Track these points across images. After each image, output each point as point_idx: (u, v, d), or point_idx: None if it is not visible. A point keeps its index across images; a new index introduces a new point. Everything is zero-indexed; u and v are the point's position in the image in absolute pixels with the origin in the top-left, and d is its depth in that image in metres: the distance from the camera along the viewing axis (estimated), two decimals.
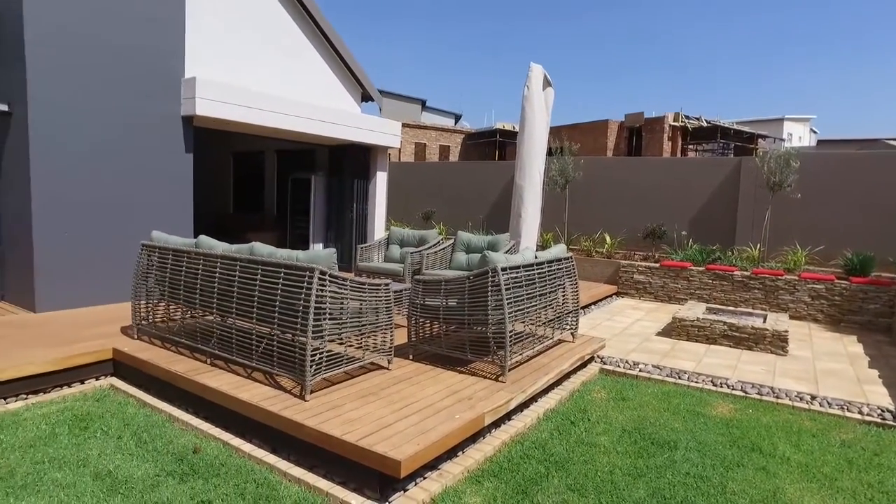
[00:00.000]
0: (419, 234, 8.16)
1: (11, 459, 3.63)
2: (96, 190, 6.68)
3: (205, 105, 7.26)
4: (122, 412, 4.43)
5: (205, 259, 4.69)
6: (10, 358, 4.72)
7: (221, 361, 4.74)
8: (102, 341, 5.29)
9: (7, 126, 6.46)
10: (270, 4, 8.85)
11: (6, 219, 6.69)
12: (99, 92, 6.62)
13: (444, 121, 37.74)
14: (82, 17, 6.43)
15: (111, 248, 6.80)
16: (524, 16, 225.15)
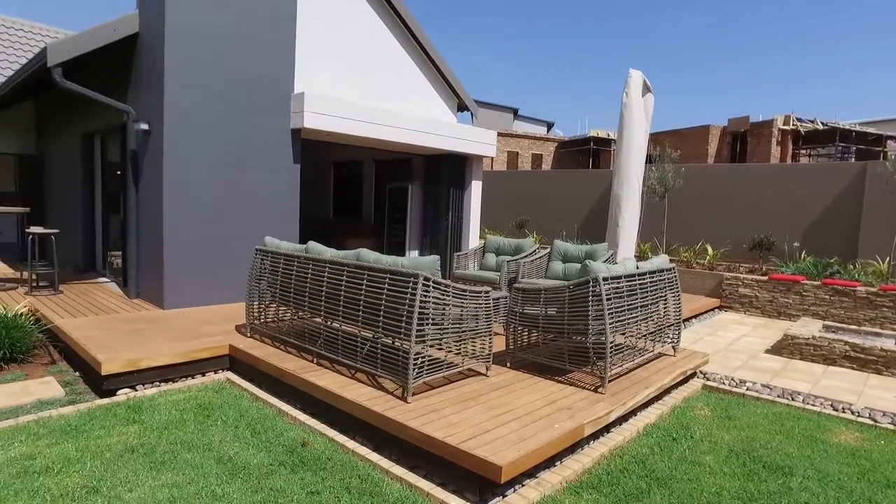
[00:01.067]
0: (515, 242, 8.19)
1: (151, 438, 4.04)
2: (216, 199, 7.26)
3: (312, 118, 7.71)
4: (238, 404, 4.78)
5: (314, 264, 4.98)
6: (147, 349, 5.24)
7: (326, 361, 5.00)
8: (220, 338, 5.74)
9: (147, 143, 7.18)
10: (372, 21, 9.24)
11: (143, 226, 7.42)
12: (220, 110, 7.21)
13: (537, 129, 37.52)
14: (209, 45, 7.04)
15: (228, 253, 7.36)
16: (618, 15, 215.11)
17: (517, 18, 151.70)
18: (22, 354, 5.58)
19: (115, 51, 7.21)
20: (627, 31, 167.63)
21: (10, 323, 5.58)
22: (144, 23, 7.20)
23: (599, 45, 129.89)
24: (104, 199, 9.48)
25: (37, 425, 4.21)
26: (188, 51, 6.86)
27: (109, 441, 3.99)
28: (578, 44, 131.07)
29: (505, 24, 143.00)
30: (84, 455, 3.78)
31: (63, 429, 4.17)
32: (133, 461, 3.73)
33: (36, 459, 3.69)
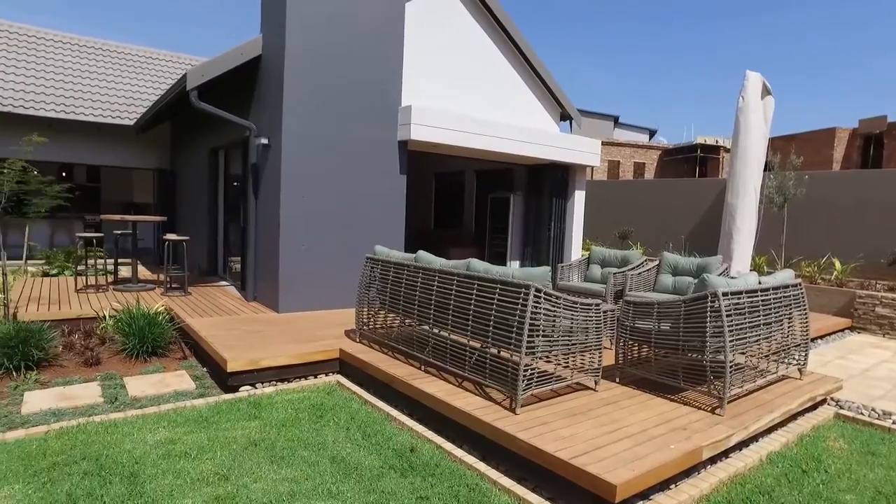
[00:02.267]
0: (622, 254, 7.94)
1: (271, 434, 4.29)
2: (328, 209, 7.63)
3: (419, 130, 7.92)
4: (348, 406, 4.96)
5: (423, 273, 5.09)
6: (266, 350, 5.58)
7: (434, 369, 5.09)
8: (331, 342, 6.00)
9: (266, 156, 7.71)
10: (476, 33, 9.38)
11: (261, 234, 7.95)
12: (333, 124, 7.59)
13: (638, 137, 36.25)
14: (324, 64, 7.45)
15: (338, 260, 7.70)
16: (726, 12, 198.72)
17: (612, 21, 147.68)
18: (161, 349, 6.15)
19: (239, 73, 7.80)
20: (736, 30, 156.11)
21: (152, 320, 6.17)
22: (267, 46, 7.74)
23: (705, 47, 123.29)
24: (226, 208, 10.25)
25: (175, 413, 4.61)
26: (305, 69, 7.29)
27: (235, 434, 4.29)
28: (681, 48, 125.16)
29: (600, 29, 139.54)
30: (214, 444, 4.08)
31: (196, 419, 4.53)
32: (256, 454, 3.98)
33: (176, 444, 4.04)
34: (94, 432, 4.21)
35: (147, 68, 15.89)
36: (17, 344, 5.37)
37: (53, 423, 4.35)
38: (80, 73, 14.34)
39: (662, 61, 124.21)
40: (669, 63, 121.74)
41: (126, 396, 5.01)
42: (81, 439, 4.09)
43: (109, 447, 3.97)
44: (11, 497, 3.35)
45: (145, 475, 3.61)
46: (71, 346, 6.11)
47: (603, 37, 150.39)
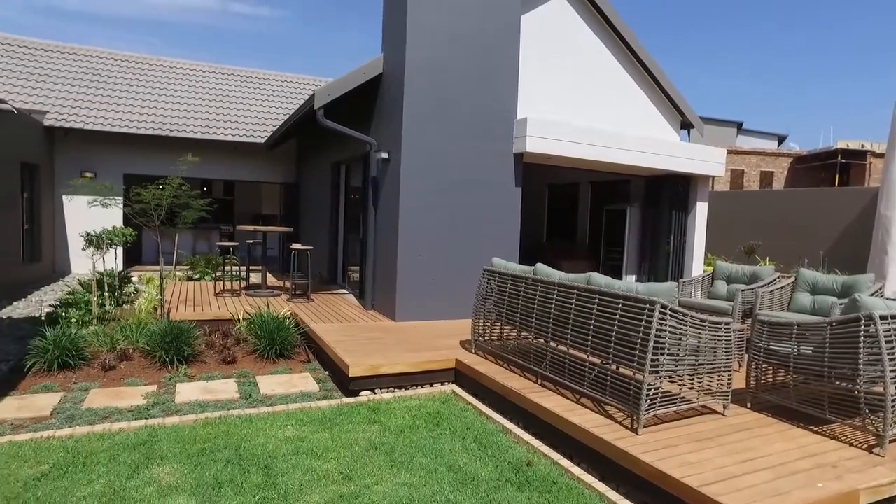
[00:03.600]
0: (750, 269, 7.39)
1: (390, 439, 4.43)
2: (445, 221, 7.80)
3: (534, 142, 7.90)
4: (464, 416, 5.01)
5: (542, 286, 5.05)
6: (384, 357, 5.79)
7: (550, 383, 5.01)
8: (447, 352, 6.10)
9: (386, 170, 8.04)
10: (591, 41, 9.21)
11: (380, 244, 8.29)
12: (450, 137, 7.77)
13: (765, 143, 33.67)
14: (442, 79, 7.66)
15: (453, 271, 7.84)
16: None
17: (734, 23, 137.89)
18: (287, 351, 6.58)
19: (361, 90, 8.21)
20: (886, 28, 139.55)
21: (280, 324, 6.63)
22: (387, 64, 8.10)
23: (848, 47, 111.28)
24: (346, 220, 10.80)
25: (301, 413, 4.90)
26: (424, 85, 7.54)
27: (356, 436, 4.47)
28: (821, 49, 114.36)
29: (719, 32, 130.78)
30: (338, 445, 4.29)
31: (320, 420, 4.78)
32: (376, 457, 4.13)
33: (304, 442, 4.29)
34: (233, 425, 4.58)
35: (275, 90, 17.20)
36: (171, 340, 6.00)
37: (200, 413, 4.79)
38: (221, 98, 15.81)
39: (794, 64, 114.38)
40: (803, 66, 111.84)
41: (258, 394, 5.40)
42: (223, 430, 4.46)
43: (246, 440, 4.30)
44: (172, 474, 3.73)
45: (277, 468, 3.86)
46: (211, 345, 6.70)
47: (726, 40, 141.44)
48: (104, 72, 15.33)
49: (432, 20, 7.56)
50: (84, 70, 15.14)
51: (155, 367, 5.99)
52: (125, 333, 6.50)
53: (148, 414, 4.78)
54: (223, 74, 17.16)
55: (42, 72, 14.46)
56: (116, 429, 4.40)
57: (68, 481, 3.62)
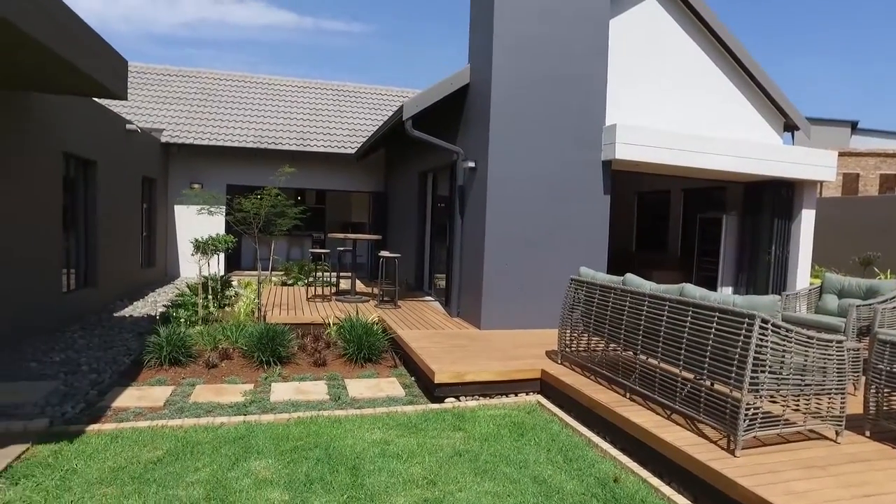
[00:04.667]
0: (866, 283, 6.78)
1: (474, 447, 4.45)
2: (531, 229, 7.75)
3: (624, 149, 7.69)
4: (549, 428, 4.93)
5: (632, 297, 4.90)
6: (470, 365, 5.82)
7: (639, 397, 4.84)
8: (532, 362, 6.04)
9: (472, 179, 8.11)
10: (683, 41, 8.84)
11: (467, 252, 8.36)
12: (536, 146, 7.72)
13: (886, 143, 30.82)
14: (529, 89, 7.64)
15: (539, 280, 7.76)
16: None
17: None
18: (375, 356, 6.76)
19: (448, 100, 8.34)
20: None
21: (368, 329, 6.83)
22: (474, 74, 8.18)
23: None
24: (433, 228, 10.97)
25: (388, 417, 5.02)
26: (510, 94, 7.55)
27: (441, 442, 4.52)
28: None
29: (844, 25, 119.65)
30: (423, 450, 4.35)
31: (406, 424, 4.87)
32: (460, 464, 4.15)
33: (389, 445, 4.40)
34: (323, 425, 4.77)
35: (365, 102, 17.82)
36: (267, 342, 6.34)
37: (293, 412, 5.03)
38: (315, 111, 16.59)
39: None
40: None
41: (347, 396, 5.58)
42: (314, 430, 4.65)
43: (335, 440, 4.46)
44: (267, 468, 3.94)
45: (365, 470, 3.97)
46: (304, 348, 7.01)
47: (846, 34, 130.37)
48: (210, 91, 16.54)
49: (518, 30, 7.57)
50: (193, 90, 16.42)
51: (252, 366, 6.35)
52: (226, 334, 6.94)
53: (246, 411, 5.08)
54: (317, 89, 18.01)
55: (158, 94, 15.82)
56: (219, 423, 4.70)
57: (179, 467, 3.91)
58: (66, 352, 6.73)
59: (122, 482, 3.69)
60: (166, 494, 3.54)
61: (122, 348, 7.00)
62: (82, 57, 5.09)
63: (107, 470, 3.84)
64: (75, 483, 3.66)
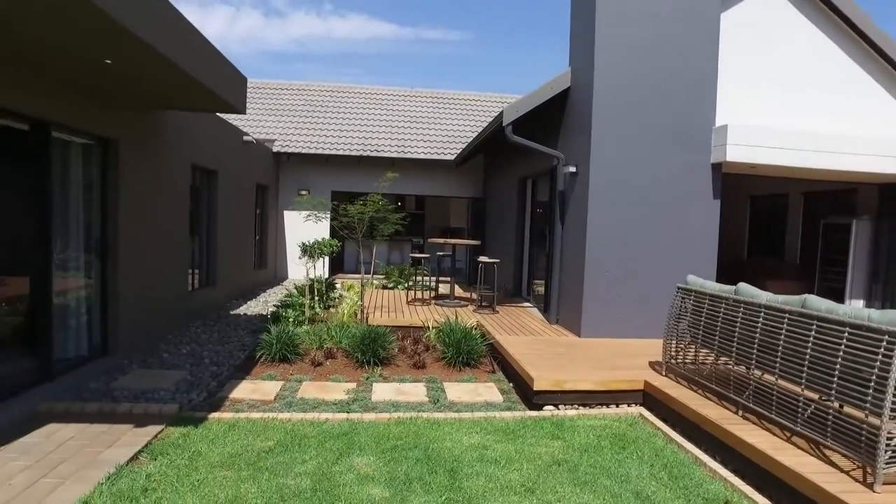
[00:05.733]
0: None
1: (573, 457, 4.35)
2: (633, 236, 7.48)
3: (735, 151, 7.23)
4: (652, 442, 4.72)
5: (745, 307, 4.59)
6: (569, 373, 5.71)
7: (753, 416, 4.51)
8: (635, 372, 5.82)
9: (573, 184, 7.96)
10: (806, 30, 8.13)
11: (567, 259, 8.21)
12: (639, 150, 7.45)
13: None
14: (632, 91, 7.40)
15: (642, 288, 7.47)
16: None
17: None
18: (473, 361, 6.80)
19: (548, 105, 8.24)
20: None
21: (467, 334, 6.88)
22: (575, 78, 8.04)
23: None
24: (532, 234, 10.87)
25: (486, 422, 5.02)
26: (613, 97, 7.34)
27: (539, 450, 4.46)
28: None
29: None
30: (521, 457, 4.31)
31: (504, 430, 4.86)
32: (559, 473, 4.07)
33: (487, 450, 4.40)
34: (422, 426, 4.86)
35: (464, 109, 18.03)
36: (369, 343, 6.56)
37: (393, 412, 5.17)
38: (414, 119, 17.01)
39: None
40: None
41: (445, 399, 5.65)
42: (413, 430, 4.75)
43: (434, 442, 4.53)
44: (368, 465, 4.08)
45: (463, 473, 4.00)
46: (403, 350, 7.18)
47: None
48: (317, 102, 17.44)
49: (621, 32, 7.36)
50: (301, 102, 17.40)
51: (354, 366, 6.60)
52: (330, 334, 7.26)
53: (349, 408, 5.28)
54: (417, 97, 18.47)
55: (271, 107, 16.92)
56: (324, 419, 4.93)
57: (288, 458, 4.14)
58: (191, 345, 7.34)
59: (239, 467, 3.96)
60: (277, 482, 3.76)
61: (237, 344, 7.53)
62: (212, 78, 5.57)
63: (226, 455, 4.14)
64: (200, 464, 3.99)
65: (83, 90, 5.60)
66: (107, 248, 6.35)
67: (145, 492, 3.56)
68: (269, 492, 3.63)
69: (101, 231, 6.31)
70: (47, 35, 4.10)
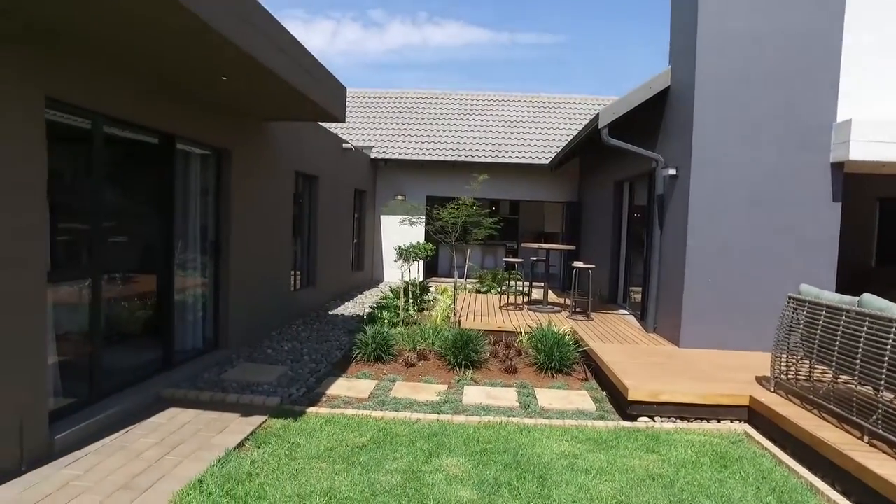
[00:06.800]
0: None
1: (669, 472, 4.15)
2: (738, 241, 7.03)
3: (862, 148, 6.59)
4: (758, 463, 4.40)
5: (871, 321, 4.16)
6: (666, 384, 5.46)
7: (882, 443, 4.08)
8: (739, 386, 5.46)
9: (673, 187, 7.62)
10: None
11: (666, 265, 7.86)
12: (747, 150, 6.99)
13: None
14: (739, 86, 6.97)
15: (748, 297, 7.00)
16: None
17: None
18: (565, 368, 6.67)
19: (645, 106, 7.94)
20: None
21: (560, 340, 6.77)
22: (675, 76, 7.69)
23: None
24: (629, 239, 10.51)
25: (577, 430, 4.91)
26: (717, 95, 6.96)
27: (632, 462, 4.29)
28: None
29: None
30: (613, 468, 4.17)
31: (596, 439, 4.72)
32: (653, 489, 3.89)
33: (578, 459, 4.30)
34: (511, 431, 4.83)
35: (558, 112, 17.77)
36: (461, 346, 6.62)
37: (483, 416, 5.18)
38: (509, 123, 16.99)
39: None
40: None
41: (536, 406, 5.58)
42: (503, 435, 4.73)
43: (523, 447, 4.49)
44: (457, 467, 4.12)
45: (552, 481, 3.93)
46: (495, 354, 7.17)
47: None
48: (413, 109, 17.88)
49: (726, 26, 6.96)
50: (398, 109, 17.90)
51: (446, 368, 6.68)
52: (423, 336, 7.40)
53: (440, 410, 5.35)
54: (511, 101, 18.43)
55: (369, 115, 17.56)
56: (415, 418, 5.03)
57: (380, 454, 4.27)
58: (293, 342, 7.76)
59: (334, 460, 4.13)
60: (369, 477, 3.88)
61: (334, 342, 7.86)
62: (315, 89, 5.90)
63: (322, 448, 4.34)
64: (299, 455, 4.20)
65: (202, 105, 6.11)
66: (219, 250, 6.87)
67: (250, 476, 3.81)
68: (361, 486, 3.76)
69: (215, 234, 6.84)
70: (185, 60, 4.58)
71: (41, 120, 3.94)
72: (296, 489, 3.67)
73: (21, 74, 3.75)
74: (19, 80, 3.74)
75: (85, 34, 4.03)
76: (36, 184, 3.89)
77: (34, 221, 3.88)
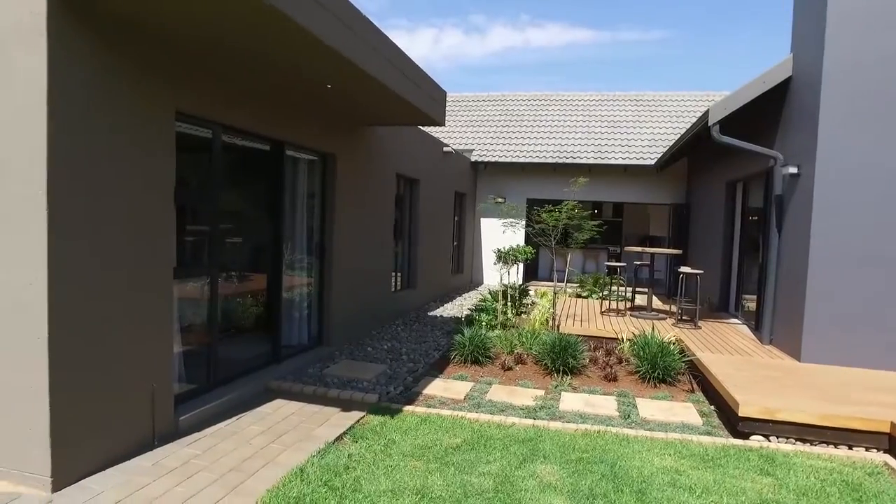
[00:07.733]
0: None
1: (788, 499, 3.80)
2: (870, 243, 6.30)
3: None
4: None
5: None
6: (784, 400, 5.01)
7: None
8: (877, 410, 4.88)
9: (794, 187, 6.99)
10: None
11: (784, 271, 7.24)
12: (881, 142, 6.25)
13: None
14: (876, 70, 6.24)
15: (882, 307, 6.26)
16: None
17: None
18: (669, 378, 6.32)
19: (761, 100, 7.35)
20: None
21: (664, 349, 6.43)
22: (798, 65, 7.06)
23: None
24: (742, 243, 9.78)
25: (681, 445, 4.63)
26: (847, 85, 6.29)
27: (743, 484, 3.98)
28: None
29: None
30: (720, 488, 3.89)
31: (702, 456, 4.43)
32: None
33: (681, 476, 4.05)
34: (609, 441, 4.65)
35: (664, 110, 16.92)
36: (559, 351, 6.48)
37: (580, 423, 5.02)
38: (612, 123, 16.43)
39: None
40: None
41: (637, 416, 5.33)
42: (600, 444, 4.57)
43: (621, 459, 4.30)
44: (551, 474, 4.02)
45: (651, 497, 3.73)
46: (594, 361, 6.95)
47: None
48: (514, 112, 17.77)
49: (859, 4, 6.27)
50: (498, 112, 17.88)
51: (543, 373, 6.56)
52: (521, 340, 7.32)
53: (535, 415, 5.26)
54: (614, 100, 17.81)
55: (469, 118, 17.68)
56: (510, 423, 4.98)
57: (473, 456, 4.27)
58: (392, 341, 7.97)
59: (427, 459, 4.18)
60: (461, 479, 3.89)
61: (432, 343, 7.97)
62: (416, 94, 6.05)
63: (416, 446, 4.41)
64: (394, 451, 4.30)
65: (309, 112, 6.44)
66: (324, 251, 7.20)
67: (347, 469, 3.95)
68: (454, 486, 3.77)
69: (321, 235, 7.17)
70: (295, 70, 4.88)
71: (172, 132, 4.33)
72: (390, 485, 3.75)
73: (158, 92, 4.15)
74: (157, 98, 4.15)
75: (209, 49, 4.38)
76: (165, 189, 4.28)
77: (164, 222, 4.28)
